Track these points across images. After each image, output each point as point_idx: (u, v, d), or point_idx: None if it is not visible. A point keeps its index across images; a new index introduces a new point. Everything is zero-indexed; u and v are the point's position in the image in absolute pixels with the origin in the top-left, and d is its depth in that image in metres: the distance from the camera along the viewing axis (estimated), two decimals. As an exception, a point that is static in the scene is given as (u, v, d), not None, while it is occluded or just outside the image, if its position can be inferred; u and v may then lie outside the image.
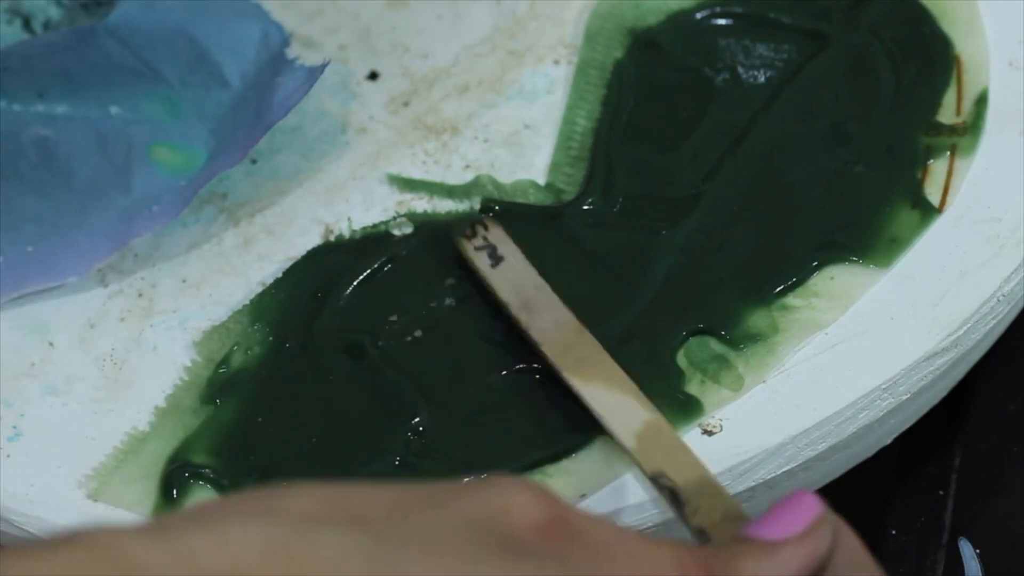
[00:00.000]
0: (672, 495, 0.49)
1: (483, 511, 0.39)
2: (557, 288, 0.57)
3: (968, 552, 0.59)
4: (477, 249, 0.56)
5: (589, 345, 0.54)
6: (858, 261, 0.58)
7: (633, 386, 0.53)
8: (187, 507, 0.38)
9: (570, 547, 0.40)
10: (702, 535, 0.48)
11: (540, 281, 0.56)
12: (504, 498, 0.40)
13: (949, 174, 0.60)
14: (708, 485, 0.49)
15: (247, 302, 0.59)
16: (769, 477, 0.54)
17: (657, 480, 0.50)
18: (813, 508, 0.44)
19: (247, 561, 0.36)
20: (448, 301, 0.57)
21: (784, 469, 0.54)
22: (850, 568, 0.44)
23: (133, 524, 0.37)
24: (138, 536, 0.37)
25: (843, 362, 0.55)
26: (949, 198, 0.59)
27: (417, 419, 0.55)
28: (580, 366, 0.53)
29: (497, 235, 0.57)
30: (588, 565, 0.40)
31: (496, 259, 0.56)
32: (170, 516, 0.38)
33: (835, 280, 0.57)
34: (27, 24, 0.65)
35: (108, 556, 0.36)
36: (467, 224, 0.57)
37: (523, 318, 0.55)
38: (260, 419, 0.56)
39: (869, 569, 0.45)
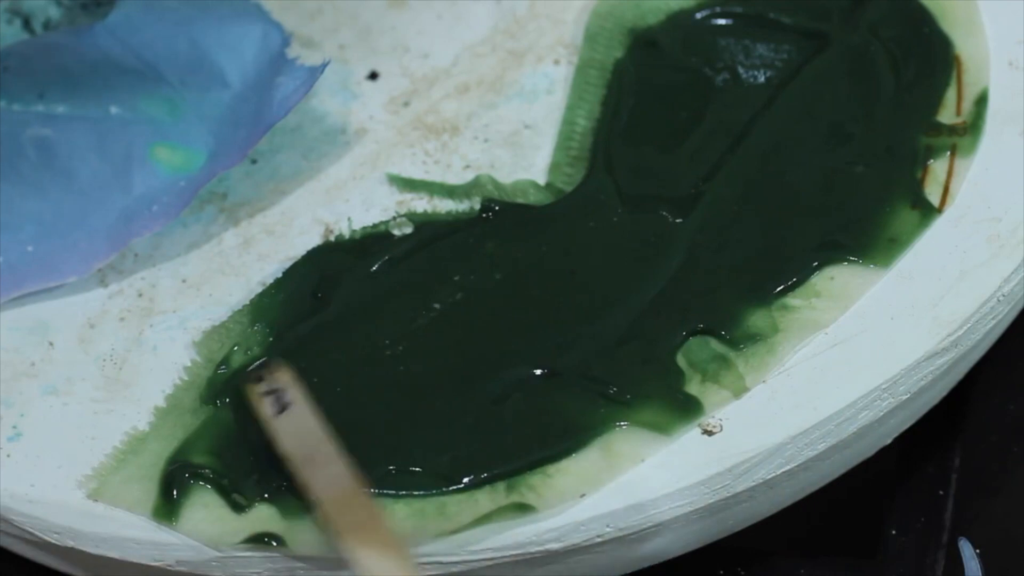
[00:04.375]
0: None
1: None
2: (556, 289, 0.57)
3: (968, 552, 0.59)
4: (262, 395, 0.53)
5: (365, 507, 0.51)
6: (858, 261, 0.58)
7: (404, 550, 0.50)
8: None
9: None
10: None
11: (324, 434, 0.52)
12: None
13: (949, 174, 0.60)
14: None
15: (247, 302, 0.59)
16: (769, 477, 0.54)
17: None
18: None
19: None
20: (448, 301, 0.57)
21: (784, 469, 0.54)
22: None
23: None
24: None
25: (843, 362, 0.55)
26: (949, 198, 0.59)
27: (416, 421, 0.55)
28: (355, 530, 0.50)
29: (284, 380, 0.54)
30: None
31: (282, 406, 0.53)
32: None
33: (835, 280, 0.57)
34: (27, 24, 0.65)
35: None
36: (254, 370, 0.55)
37: (304, 473, 0.52)
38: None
39: None
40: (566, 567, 0.54)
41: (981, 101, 0.61)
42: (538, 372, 0.56)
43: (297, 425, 0.53)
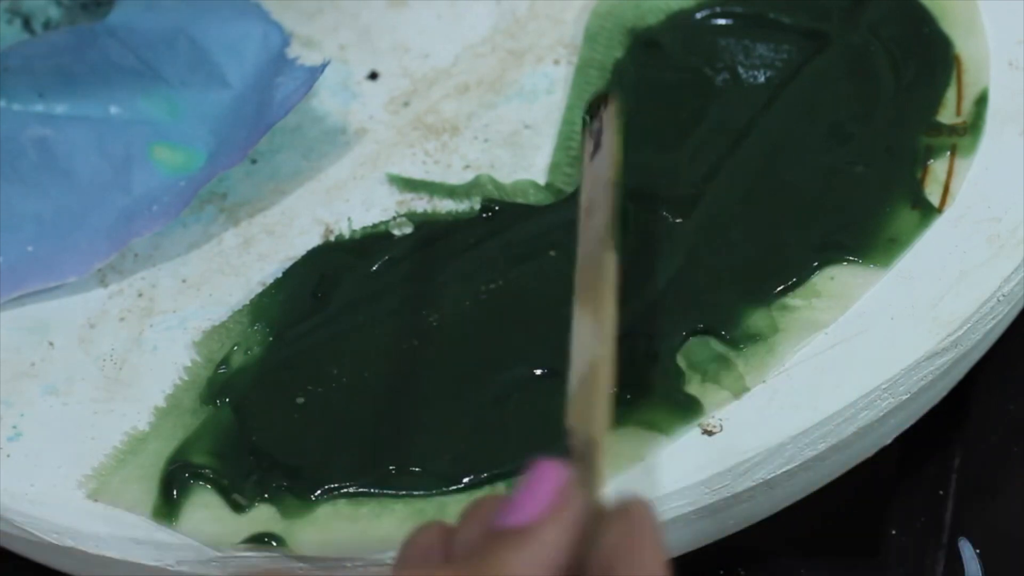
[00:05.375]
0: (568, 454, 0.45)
1: None
2: (556, 289, 0.57)
3: (968, 552, 0.59)
4: (590, 135, 0.52)
5: (599, 267, 0.48)
6: (858, 261, 0.58)
7: (610, 323, 0.47)
8: None
9: None
10: None
11: (609, 183, 0.49)
12: None
13: (949, 174, 0.60)
14: (593, 457, 0.44)
15: (247, 302, 0.59)
16: (769, 477, 0.54)
17: (568, 433, 0.45)
18: (553, 480, 0.41)
19: None
20: (448, 301, 0.57)
21: (784, 469, 0.54)
22: (621, 553, 0.40)
23: None
24: None
25: (843, 362, 0.55)
26: (949, 198, 0.59)
27: (417, 421, 0.55)
28: (582, 290, 0.48)
29: (605, 118, 0.52)
30: None
31: (596, 147, 0.51)
32: None
33: (835, 280, 0.57)
34: (27, 24, 0.65)
35: None
36: (597, 100, 0.53)
37: (581, 225, 0.50)
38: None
39: (640, 553, 0.40)
40: (566, 567, 0.54)
41: (981, 101, 0.61)
42: (538, 372, 0.56)
43: (595, 173, 0.51)
